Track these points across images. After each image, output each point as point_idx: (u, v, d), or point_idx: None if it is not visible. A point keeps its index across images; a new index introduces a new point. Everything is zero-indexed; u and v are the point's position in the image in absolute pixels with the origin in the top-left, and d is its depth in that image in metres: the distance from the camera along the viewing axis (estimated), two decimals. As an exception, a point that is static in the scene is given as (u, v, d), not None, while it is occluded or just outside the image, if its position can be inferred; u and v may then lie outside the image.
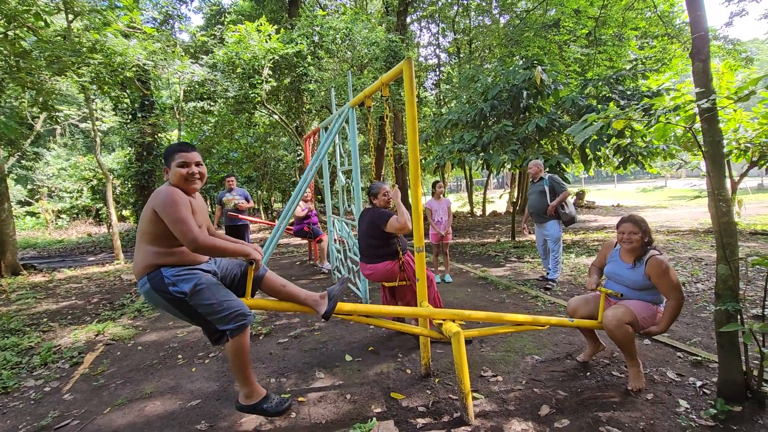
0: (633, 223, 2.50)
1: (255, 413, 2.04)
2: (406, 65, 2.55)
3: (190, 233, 1.81)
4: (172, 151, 2.00)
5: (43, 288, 6.38)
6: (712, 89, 2.14)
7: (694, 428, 2.02)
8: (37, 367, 3.28)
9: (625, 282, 2.54)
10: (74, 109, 12.86)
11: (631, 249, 2.51)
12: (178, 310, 1.92)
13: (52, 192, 17.58)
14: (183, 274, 1.91)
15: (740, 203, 9.46)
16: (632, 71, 7.36)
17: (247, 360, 1.97)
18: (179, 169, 1.97)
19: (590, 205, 16.62)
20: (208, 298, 1.89)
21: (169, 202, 1.83)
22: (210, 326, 1.93)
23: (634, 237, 2.48)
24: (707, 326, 3.31)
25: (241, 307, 1.95)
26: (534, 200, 4.95)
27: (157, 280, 1.88)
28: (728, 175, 5.76)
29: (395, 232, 3.14)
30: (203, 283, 1.91)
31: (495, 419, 2.20)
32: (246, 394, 2.02)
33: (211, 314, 1.89)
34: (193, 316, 1.92)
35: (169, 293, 1.87)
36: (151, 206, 1.86)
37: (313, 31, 11.03)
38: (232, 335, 1.91)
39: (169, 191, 1.87)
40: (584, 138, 2.08)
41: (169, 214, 1.81)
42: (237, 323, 1.91)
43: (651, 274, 2.40)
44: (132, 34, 8.31)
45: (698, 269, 5.09)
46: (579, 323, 2.59)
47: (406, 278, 3.25)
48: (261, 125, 15.00)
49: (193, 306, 1.89)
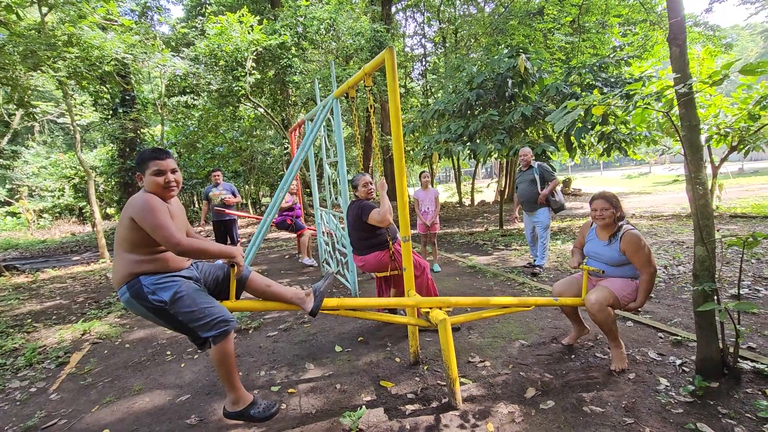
0: (604, 199, 2.58)
1: (242, 420, 2.02)
2: (387, 54, 2.54)
3: (173, 238, 1.80)
4: (146, 159, 1.95)
5: (26, 289, 6.26)
6: (689, 74, 2.18)
7: (674, 404, 2.09)
8: (22, 368, 3.23)
9: (603, 259, 2.61)
10: (52, 105, 12.51)
11: (605, 225, 2.59)
12: (158, 318, 1.90)
13: (32, 191, 17.15)
14: (162, 282, 1.88)
15: (721, 187, 9.68)
16: (615, 58, 7.42)
17: (232, 366, 1.95)
18: (155, 178, 1.93)
19: (576, 193, 16.84)
20: (188, 305, 1.87)
21: (147, 209, 1.80)
22: (192, 333, 1.91)
23: (606, 213, 2.56)
24: (687, 307, 3.40)
25: (223, 314, 1.93)
26: (525, 189, 4.95)
27: (136, 289, 1.85)
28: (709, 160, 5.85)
29: (375, 224, 3.14)
30: (183, 291, 1.89)
31: (482, 403, 2.24)
32: (233, 400, 2.01)
33: (192, 322, 1.87)
34: (175, 324, 1.90)
35: (149, 302, 1.85)
36: (128, 214, 1.83)
37: (296, 22, 10.87)
38: (214, 342, 1.89)
39: (145, 198, 1.84)
40: (565, 124, 2.10)
41: (149, 222, 1.79)
42: (219, 330, 1.89)
43: (626, 249, 2.48)
44: (109, 26, 8.08)
45: (680, 252, 5.22)
46: (563, 302, 2.65)
47: (397, 267, 3.27)
48: (246, 119, 14.82)
49: (173, 314, 1.87)
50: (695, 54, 5.83)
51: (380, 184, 3.15)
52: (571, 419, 2.04)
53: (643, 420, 1.99)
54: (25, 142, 18.92)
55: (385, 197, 3.11)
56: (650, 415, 2.02)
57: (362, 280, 5.02)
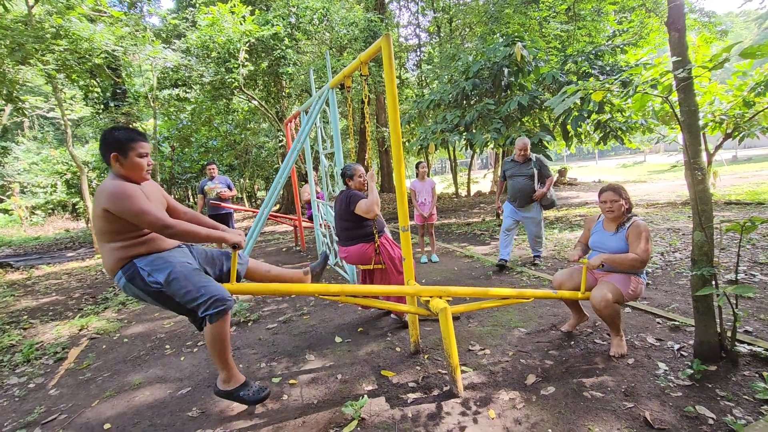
0: (613, 191, 2.57)
1: (232, 400, 2.00)
2: (384, 42, 2.50)
3: (158, 221, 1.75)
4: (132, 139, 1.87)
5: (21, 285, 6.21)
6: (687, 59, 2.16)
7: (672, 388, 2.11)
8: (20, 364, 3.21)
9: (608, 249, 2.60)
10: (41, 100, 12.30)
11: (614, 217, 2.58)
12: (156, 300, 1.87)
13: (24, 187, 16.95)
14: (157, 264, 1.85)
15: (715, 175, 9.75)
16: (611, 46, 7.39)
17: (226, 345, 1.93)
18: (140, 160, 1.87)
19: (572, 182, 16.88)
20: (184, 285, 1.84)
21: (122, 197, 1.73)
22: (191, 314, 1.89)
23: (616, 205, 2.54)
24: (685, 293, 3.43)
25: (220, 292, 1.88)
26: (522, 184, 4.56)
27: (131, 272, 1.83)
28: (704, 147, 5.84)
29: (362, 215, 3.11)
30: (178, 271, 1.86)
31: (483, 390, 2.26)
32: (224, 378, 1.99)
33: (189, 302, 1.84)
34: (172, 305, 1.88)
35: (146, 284, 1.83)
36: (101, 206, 1.75)
37: (289, 12, 10.72)
38: (211, 320, 1.86)
39: (116, 186, 1.75)
40: (563, 109, 2.08)
41: (128, 209, 1.73)
42: (216, 308, 1.85)
43: (630, 234, 2.48)
44: (98, 18, 7.93)
45: (676, 239, 5.25)
46: (562, 295, 2.65)
47: (381, 261, 3.24)
48: (240, 111, 14.67)
49: (170, 295, 1.84)
50: (691, 41, 5.82)
51: (369, 174, 3.12)
52: (571, 404, 2.06)
53: (643, 403, 2.01)
54: (14, 138, 18.65)
55: (374, 188, 3.07)
56: (649, 398, 2.04)
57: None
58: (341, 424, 2.06)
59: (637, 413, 1.94)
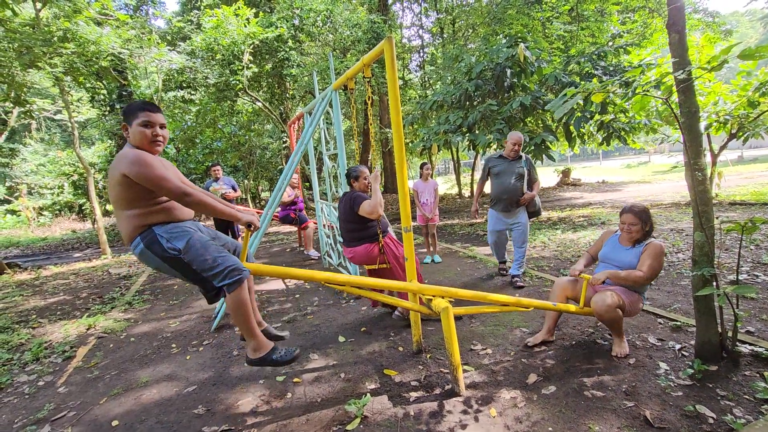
0: (633, 214, 2.51)
1: (266, 365, 2.01)
2: (386, 44, 2.53)
3: (177, 188, 1.75)
4: (135, 109, 1.88)
5: (29, 285, 6.29)
6: (688, 60, 2.18)
7: (673, 387, 2.12)
8: (29, 362, 3.27)
9: (620, 263, 2.57)
10: (48, 102, 12.45)
11: (631, 239, 2.57)
12: (172, 267, 1.89)
13: (31, 189, 17.13)
14: (176, 231, 1.87)
15: (720, 175, 9.68)
16: (614, 46, 7.39)
17: (249, 313, 1.94)
18: (143, 129, 1.87)
19: (576, 183, 16.83)
20: (202, 254, 1.86)
21: (141, 163, 1.74)
22: (206, 283, 1.90)
23: (634, 228, 2.52)
24: (686, 293, 3.43)
25: (235, 263, 1.91)
26: (511, 183, 3.98)
27: (150, 238, 1.84)
28: (708, 147, 5.83)
29: (366, 216, 3.14)
30: (196, 239, 1.89)
31: (485, 389, 2.28)
32: (254, 347, 2.01)
33: (206, 270, 1.86)
34: (188, 273, 1.89)
35: (164, 250, 1.84)
36: (118, 171, 1.76)
37: (293, 14, 10.79)
38: (229, 290, 1.88)
39: (135, 153, 1.77)
40: (564, 112, 2.10)
41: (147, 176, 1.73)
42: (233, 278, 1.87)
43: (645, 251, 2.47)
44: (105, 21, 8.02)
45: (679, 240, 5.24)
46: (561, 308, 2.61)
47: (386, 261, 3.27)
48: (244, 113, 14.75)
49: (188, 263, 1.86)
50: (695, 41, 5.80)
51: (373, 175, 3.15)
52: (572, 403, 2.08)
53: (644, 403, 2.02)
54: (22, 139, 18.86)
55: (378, 189, 3.10)
56: (650, 398, 2.06)
57: (363, 272, 5.03)
58: (344, 422, 2.09)
59: (638, 412, 1.95)
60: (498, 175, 4.05)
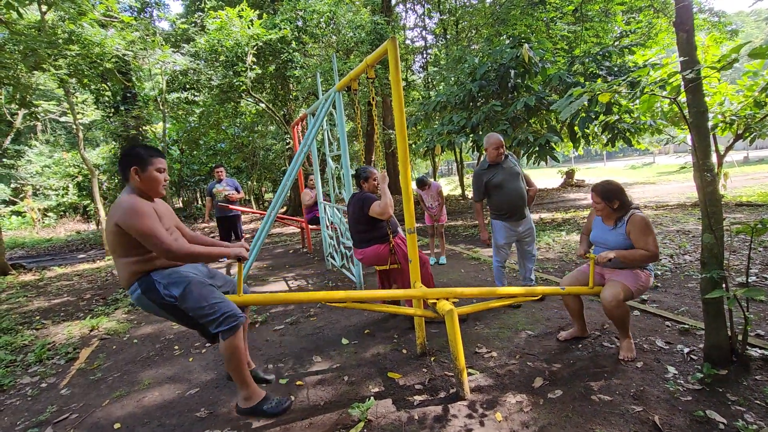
0: (595, 192, 2.55)
1: (256, 416, 2.04)
2: (390, 45, 2.52)
3: (162, 244, 1.77)
4: (151, 155, 1.94)
5: (33, 287, 6.31)
6: (696, 59, 2.15)
7: (682, 392, 2.09)
8: (32, 364, 3.27)
9: (609, 244, 2.57)
10: (53, 104, 12.53)
11: (603, 216, 2.59)
12: (169, 314, 1.91)
13: (36, 190, 17.23)
14: (174, 277, 1.90)
15: (726, 176, 9.60)
16: (618, 47, 7.34)
17: (242, 360, 1.96)
18: (159, 175, 1.94)
19: (580, 184, 16.75)
20: (198, 301, 1.88)
21: (132, 215, 1.76)
22: (202, 329, 1.93)
23: (598, 207, 2.55)
24: (694, 296, 3.39)
25: (232, 309, 1.94)
26: (515, 187, 3.49)
27: (147, 285, 1.86)
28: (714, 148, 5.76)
29: (377, 217, 3.13)
30: (193, 286, 1.91)
31: (490, 393, 2.25)
32: (245, 396, 2.03)
33: (201, 317, 1.89)
34: (185, 320, 1.92)
35: (161, 297, 1.86)
36: (113, 221, 1.80)
37: (296, 16, 10.80)
38: (224, 336, 1.90)
39: (130, 203, 1.80)
40: (570, 113, 2.08)
41: (137, 228, 1.76)
42: (228, 325, 1.90)
43: (631, 230, 2.45)
44: (109, 23, 8.06)
45: (686, 241, 5.19)
46: (570, 290, 2.63)
47: (396, 261, 3.26)
48: (248, 114, 14.79)
49: (183, 310, 1.88)
50: (700, 41, 5.74)
51: (381, 176, 3.14)
52: (579, 408, 2.04)
53: (652, 408, 1.99)
54: (28, 141, 18.98)
55: (386, 190, 3.09)
56: (659, 402, 2.02)
57: (367, 273, 5.02)
58: (348, 426, 2.06)
59: (646, 417, 1.92)
60: (500, 184, 3.51)
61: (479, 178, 3.61)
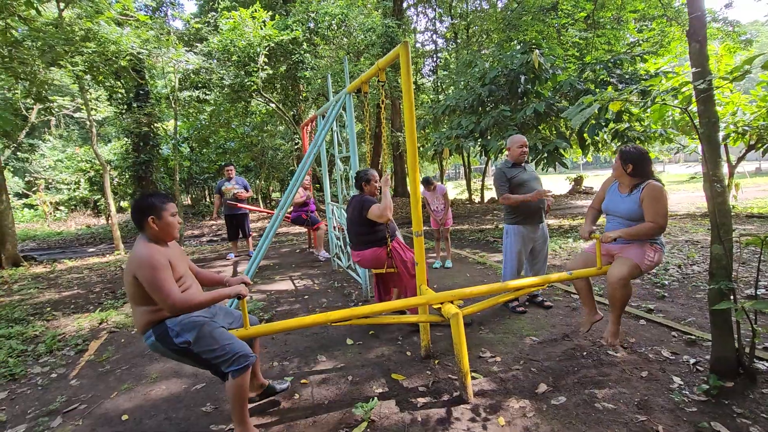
0: (618, 153, 2.56)
1: None
2: (402, 49, 2.54)
3: (167, 299, 1.84)
4: (163, 203, 2.01)
5: (44, 278, 6.42)
6: (708, 70, 2.15)
7: (687, 403, 2.08)
8: (43, 354, 3.33)
9: (620, 212, 2.55)
10: (68, 100, 12.73)
11: (618, 176, 2.58)
12: (183, 357, 1.99)
13: (49, 184, 17.49)
14: (186, 324, 1.97)
15: (737, 187, 9.49)
16: (630, 54, 7.31)
17: (245, 400, 2.02)
18: (174, 219, 2.03)
19: (588, 191, 16.65)
20: (210, 344, 1.96)
21: (145, 267, 1.85)
22: (215, 369, 2.00)
23: (616, 169, 2.56)
24: (702, 306, 3.36)
25: (243, 349, 2.00)
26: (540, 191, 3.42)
27: (161, 332, 1.94)
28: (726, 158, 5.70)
29: (375, 219, 3.14)
30: (205, 331, 1.98)
31: (493, 397, 2.26)
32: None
33: (215, 359, 1.96)
34: (198, 362, 1.99)
35: (174, 344, 1.94)
36: (131, 273, 1.88)
37: (308, 17, 10.89)
38: (234, 375, 1.96)
39: (144, 255, 1.87)
40: (581, 121, 2.09)
41: (148, 280, 1.84)
42: (240, 365, 1.96)
43: (645, 197, 2.42)
44: (125, 22, 8.19)
45: (694, 252, 5.15)
46: (577, 274, 2.63)
47: (393, 265, 3.26)
48: (258, 114, 14.90)
49: (197, 353, 1.95)
50: (714, 50, 5.71)
51: (384, 179, 3.15)
52: (582, 415, 2.05)
53: (656, 417, 1.98)
54: (42, 135, 19.30)
55: (387, 193, 3.11)
56: (663, 413, 2.02)
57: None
58: (351, 425, 2.09)
59: (650, 427, 1.92)
60: (523, 185, 3.44)
61: (504, 174, 3.55)
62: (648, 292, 3.84)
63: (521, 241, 3.53)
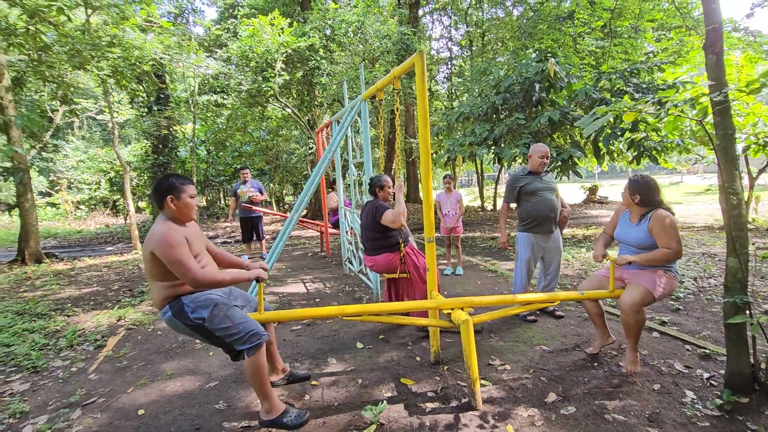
0: (627, 183, 2.60)
1: (276, 427, 2.13)
2: (418, 58, 2.59)
3: (188, 273, 1.92)
4: (183, 184, 2.10)
5: (65, 275, 6.61)
6: (724, 82, 2.14)
7: (700, 417, 2.06)
8: (64, 348, 3.44)
9: (631, 241, 2.56)
10: (91, 102, 13.15)
11: (633, 213, 2.60)
12: (197, 333, 2.05)
13: (71, 183, 18.03)
14: (201, 300, 2.04)
15: (758, 199, 9.26)
16: (648, 64, 7.24)
17: (265, 376, 2.08)
18: (192, 200, 2.11)
19: (603, 200, 16.43)
20: (224, 321, 2.02)
21: (164, 244, 1.92)
22: (228, 347, 2.05)
23: (624, 197, 2.59)
24: (717, 320, 3.31)
25: (255, 328, 2.06)
26: (551, 199, 3.50)
27: (177, 308, 2.01)
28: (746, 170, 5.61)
29: (388, 225, 3.18)
30: (220, 308, 2.05)
31: (502, 405, 2.26)
32: (266, 409, 2.13)
33: (228, 336, 2.02)
34: (212, 339, 2.05)
35: (189, 320, 2.01)
36: (149, 249, 1.96)
37: (325, 25, 11.07)
38: (248, 354, 2.03)
39: (163, 232, 1.94)
40: (594, 130, 2.10)
41: (167, 257, 1.91)
42: (252, 343, 2.03)
43: (653, 226, 2.44)
44: (149, 28, 8.46)
45: (711, 265, 5.05)
46: (589, 295, 2.63)
47: (406, 270, 3.29)
48: (273, 118, 15.14)
49: (211, 330, 2.02)
50: (734, 60, 5.62)
51: (397, 185, 3.19)
52: (592, 426, 2.04)
53: (668, 431, 1.96)
54: (65, 136, 19.92)
55: (401, 199, 3.15)
56: (675, 427, 2.00)
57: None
58: (360, 427, 2.11)
59: (661, 440, 1.90)
60: (534, 193, 3.50)
61: (516, 181, 3.62)
62: (662, 304, 3.79)
63: (530, 249, 3.55)
